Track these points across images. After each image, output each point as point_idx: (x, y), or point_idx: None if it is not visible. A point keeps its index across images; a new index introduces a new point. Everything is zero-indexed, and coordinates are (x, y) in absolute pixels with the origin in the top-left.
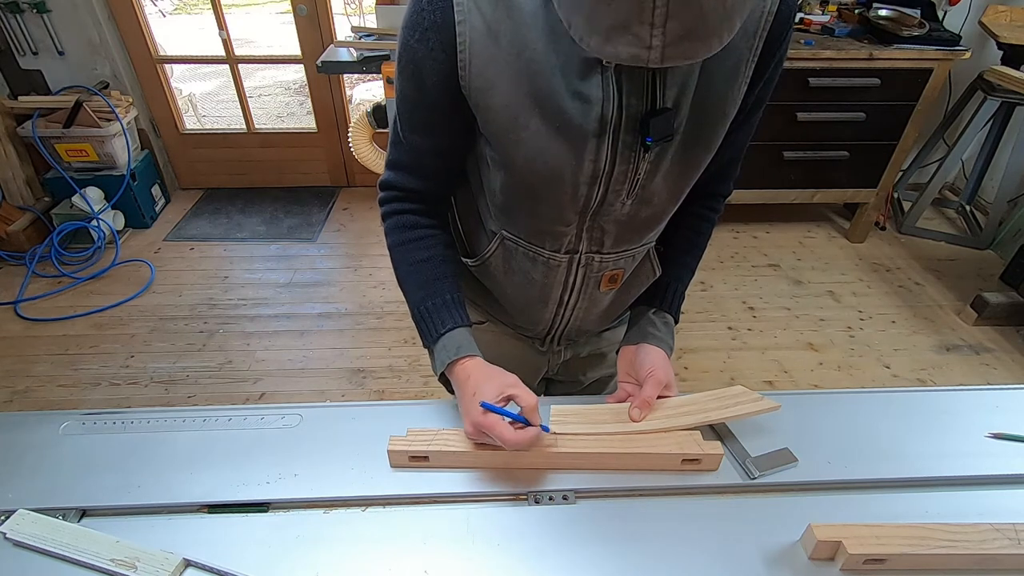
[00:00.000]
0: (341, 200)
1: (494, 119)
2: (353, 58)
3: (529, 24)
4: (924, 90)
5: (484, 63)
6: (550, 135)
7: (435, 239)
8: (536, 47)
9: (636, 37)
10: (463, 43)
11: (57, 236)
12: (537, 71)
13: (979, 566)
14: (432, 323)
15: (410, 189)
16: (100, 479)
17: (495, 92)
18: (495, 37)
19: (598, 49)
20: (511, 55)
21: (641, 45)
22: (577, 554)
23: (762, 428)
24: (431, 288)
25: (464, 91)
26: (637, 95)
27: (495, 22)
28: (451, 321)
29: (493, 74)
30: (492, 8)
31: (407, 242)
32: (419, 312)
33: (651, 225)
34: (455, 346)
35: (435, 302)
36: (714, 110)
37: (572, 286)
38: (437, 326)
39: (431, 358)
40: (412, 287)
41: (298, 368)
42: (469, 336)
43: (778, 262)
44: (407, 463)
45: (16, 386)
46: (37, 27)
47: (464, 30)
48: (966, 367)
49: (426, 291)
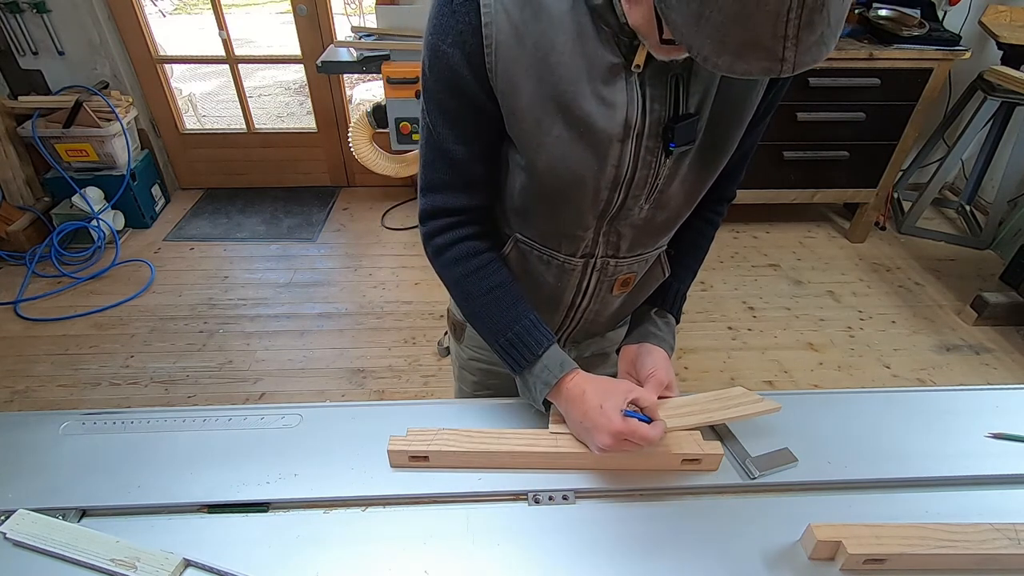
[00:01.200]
0: (341, 200)
1: (518, 122)
2: (353, 58)
3: (556, 27)
4: (924, 90)
5: (509, 65)
6: (573, 139)
7: (499, 261)
8: (562, 50)
9: (769, 52)
10: (490, 45)
11: (57, 236)
12: (563, 75)
13: (979, 566)
14: (527, 346)
15: (461, 209)
16: (100, 479)
17: (519, 94)
18: (521, 39)
19: (728, 68)
20: (536, 58)
21: (774, 59)
22: (577, 554)
23: (762, 428)
24: (513, 312)
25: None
26: (661, 100)
27: (521, 24)
28: (545, 340)
29: (518, 77)
30: (519, 10)
31: (475, 271)
32: (508, 340)
33: (666, 229)
34: (557, 363)
35: (523, 325)
36: (732, 115)
37: (585, 290)
38: (533, 348)
39: (524, 383)
40: (493, 316)
41: (298, 368)
42: (562, 351)
43: (778, 262)
44: (407, 463)
45: (16, 386)
46: (37, 27)
47: (491, 32)
48: (966, 367)
49: (510, 316)
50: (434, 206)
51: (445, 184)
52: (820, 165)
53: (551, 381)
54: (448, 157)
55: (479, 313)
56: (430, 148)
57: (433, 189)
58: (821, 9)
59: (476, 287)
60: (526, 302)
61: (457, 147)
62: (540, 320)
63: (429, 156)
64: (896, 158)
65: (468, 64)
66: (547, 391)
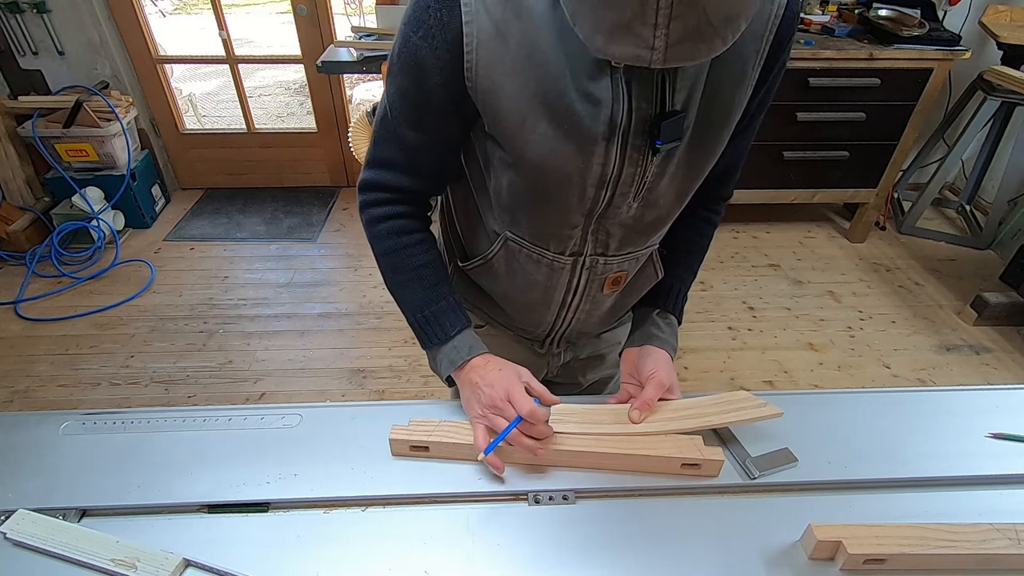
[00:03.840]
0: (341, 200)
1: (502, 121)
2: (353, 58)
3: (538, 25)
4: (924, 90)
5: (491, 64)
6: (558, 137)
7: (430, 242)
8: (545, 48)
9: (639, 37)
10: (470, 44)
11: (57, 236)
12: (546, 73)
13: (979, 566)
14: (439, 326)
15: (401, 188)
16: (100, 479)
17: (503, 94)
18: (503, 38)
19: (602, 48)
20: (519, 56)
21: (644, 45)
22: (577, 554)
23: (762, 428)
24: (434, 292)
25: (470, 92)
26: (647, 97)
27: (503, 23)
28: (459, 323)
29: (501, 76)
30: (500, 9)
31: (404, 247)
32: (423, 316)
33: (656, 228)
34: (467, 346)
35: (440, 306)
36: (721, 113)
37: (575, 288)
38: (446, 329)
39: (432, 358)
40: (412, 292)
41: (298, 368)
42: (475, 335)
43: (778, 262)
44: (407, 452)
45: (16, 386)
46: (37, 27)
47: (472, 31)
48: (966, 367)
49: (429, 295)
50: (376, 180)
51: (392, 163)
52: (820, 165)
53: (457, 361)
54: (400, 140)
55: (401, 286)
56: (383, 127)
57: (379, 165)
58: (694, 2)
59: (402, 263)
60: (450, 285)
61: (410, 132)
62: (459, 305)
63: (381, 134)
64: (896, 158)
65: (436, 60)
66: (452, 369)
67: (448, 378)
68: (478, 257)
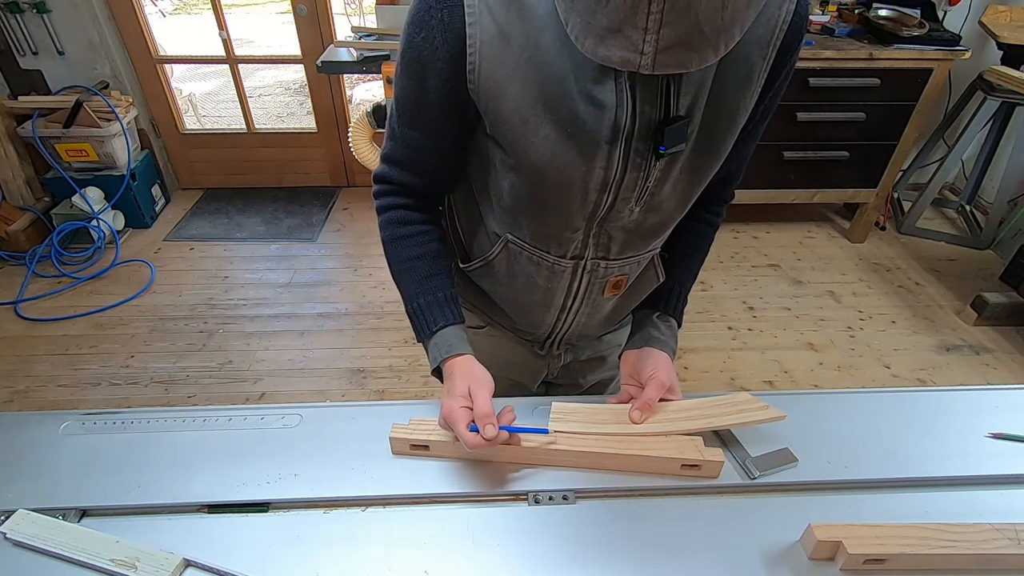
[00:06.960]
0: (341, 200)
1: (504, 123)
2: (353, 58)
3: (542, 27)
4: (924, 90)
5: (494, 66)
6: (561, 140)
7: (429, 235)
8: (548, 51)
9: (629, 41)
10: (473, 46)
11: (57, 236)
12: (549, 75)
13: (979, 566)
14: (425, 320)
15: (404, 184)
16: (100, 479)
17: (505, 96)
18: (506, 40)
19: (592, 50)
20: (522, 58)
21: (633, 49)
22: (577, 554)
23: (762, 428)
24: (424, 285)
25: (472, 94)
26: (651, 102)
27: (506, 24)
28: (443, 319)
29: (503, 77)
30: (504, 10)
31: (401, 237)
32: (413, 308)
33: (658, 232)
34: (447, 344)
35: (428, 299)
36: (725, 118)
37: (576, 292)
38: (430, 323)
39: (425, 349)
40: (406, 283)
41: (298, 368)
42: (461, 334)
43: (778, 262)
44: (408, 451)
45: (16, 386)
46: (37, 27)
47: (475, 32)
48: (966, 367)
49: (420, 287)
50: (384, 174)
51: (396, 160)
52: (820, 165)
53: (437, 358)
54: (403, 139)
55: (397, 276)
56: (389, 125)
57: (387, 160)
58: (686, 9)
59: (399, 253)
60: (445, 279)
61: (411, 133)
62: (453, 299)
63: (388, 131)
64: (896, 158)
65: (437, 61)
66: (435, 365)
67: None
68: (479, 259)
